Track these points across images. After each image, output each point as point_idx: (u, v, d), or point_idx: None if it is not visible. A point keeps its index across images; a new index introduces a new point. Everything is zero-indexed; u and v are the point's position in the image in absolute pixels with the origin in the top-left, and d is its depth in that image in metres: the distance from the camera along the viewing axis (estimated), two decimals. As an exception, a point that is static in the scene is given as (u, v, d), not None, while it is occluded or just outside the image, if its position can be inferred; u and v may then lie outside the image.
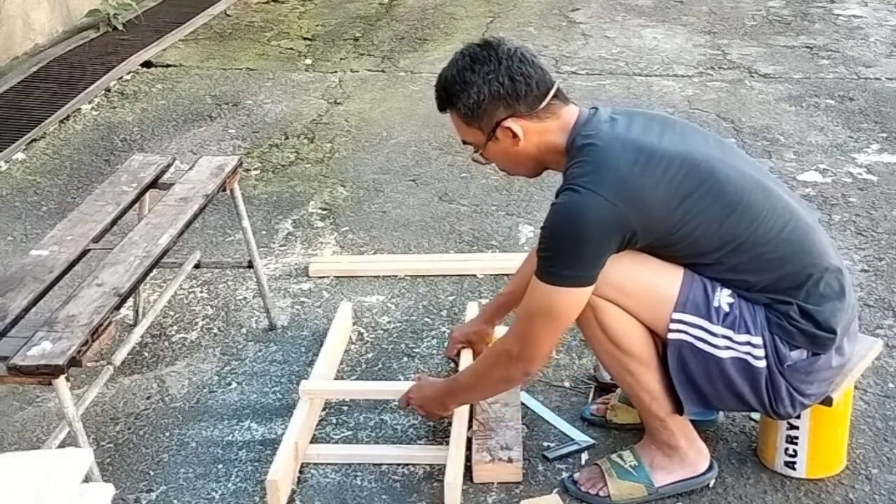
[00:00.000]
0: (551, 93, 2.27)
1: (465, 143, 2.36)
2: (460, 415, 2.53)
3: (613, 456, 2.42)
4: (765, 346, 2.19)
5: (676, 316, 2.19)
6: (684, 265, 2.22)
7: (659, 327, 2.22)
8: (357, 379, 2.87)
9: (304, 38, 6.02)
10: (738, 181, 2.19)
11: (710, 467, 2.39)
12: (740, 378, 2.21)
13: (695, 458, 2.37)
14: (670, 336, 2.20)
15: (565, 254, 2.15)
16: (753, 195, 2.19)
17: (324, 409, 2.73)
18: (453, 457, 2.38)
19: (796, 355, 2.20)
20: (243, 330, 3.14)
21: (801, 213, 2.25)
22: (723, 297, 2.20)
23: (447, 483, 2.31)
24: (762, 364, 2.19)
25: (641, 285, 2.20)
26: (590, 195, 2.12)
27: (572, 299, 2.18)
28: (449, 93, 2.29)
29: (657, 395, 2.27)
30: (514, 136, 2.25)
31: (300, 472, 2.50)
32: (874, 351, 2.45)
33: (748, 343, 2.19)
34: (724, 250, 2.19)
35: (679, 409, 2.28)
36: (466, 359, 2.76)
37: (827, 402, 2.29)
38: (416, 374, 2.79)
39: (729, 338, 2.19)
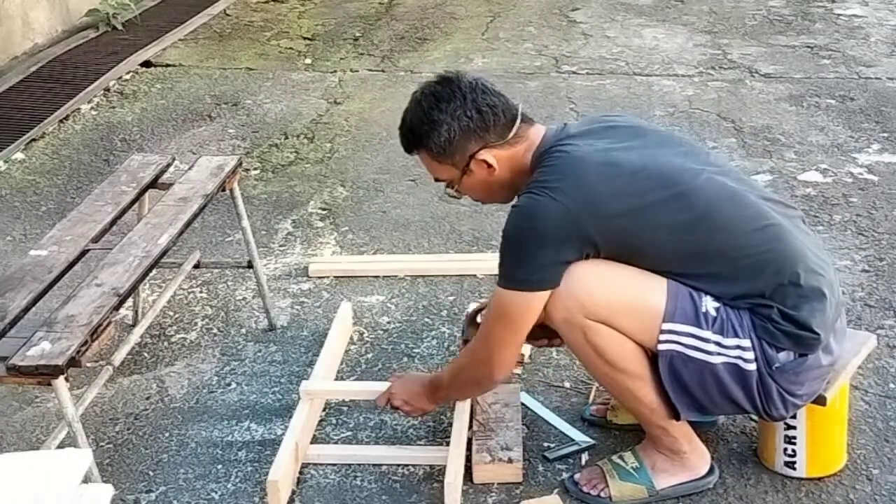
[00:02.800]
0: (518, 119, 2.28)
1: (437, 180, 2.37)
2: (460, 415, 2.53)
3: (614, 457, 2.41)
4: (753, 348, 2.18)
5: (666, 326, 2.18)
6: (653, 269, 2.20)
7: (649, 340, 2.20)
8: (357, 379, 2.87)
9: (304, 38, 6.01)
10: (707, 191, 2.19)
11: (711, 470, 2.39)
12: (733, 383, 2.20)
13: (697, 461, 2.37)
14: (661, 347, 2.19)
15: (520, 258, 2.17)
16: (723, 204, 2.19)
17: (323, 410, 2.73)
18: (453, 457, 2.38)
19: (783, 357, 2.19)
20: (243, 330, 3.13)
21: (775, 217, 2.23)
22: (708, 303, 2.19)
23: (447, 483, 2.31)
24: (752, 367, 2.18)
25: (629, 301, 2.19)
26: (549, 200, 2.13)
27: (527, 303, 2.19)
28: (417, 134, 2.29)
29: (655, 405, 2.27)
30: (489, 166, 2.27)
31: (300, 472, 2.49)
32: (867, 347, 2.45)
33: (738, 347, 2.18)
34: (692, 260, 2.19)
35: (676, 416, 2.27)
36: None
37: (820, 401, 2.29)
38: (391, 375, 2.73)
39: (719, 343, 2.18)
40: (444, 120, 2.24)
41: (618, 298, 2.18)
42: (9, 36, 5.51)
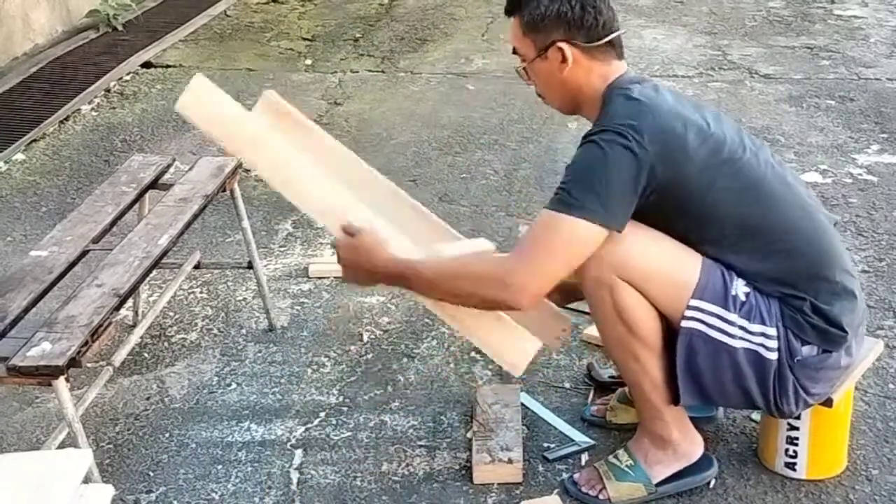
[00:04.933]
0: (612, 36, 2.27)
1: (514, 52, 2.36)
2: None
3: (610, 457, 2.41)
4: (778, 338, 2.18)
5: (694, 303, 2.18)
6: (690, 241, 2.21)
7: (674, 313, 2.20)
8: (357, 381, 2.86)
9: (304, 39, 6.02)
10: (759, 168, 2.22)
11: (710, 462, 2.38)
12: (750, 370, 2.20)
13: (688, 448, 2.36)
14: (684, 323, 2.19)
15: (585, 184, 2.13)
16: (773, 184, 2.22)
17: (323, 410, 2.73)
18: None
19: (807, 351, 2.20)
20: (243, 331, 3.13)
21: (816, 213, 2.27)
22: (739, 287, 2.20)
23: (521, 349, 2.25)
24: (773, 356, 2.19)
25: (664, 270, 2.19)
26: (624, 139, 2.12)
27: (581, 232, 2.11)
28: None
29: (658, 383, 2.26)
30: (564, 59, 2.25)
31: (299, 472, 2.49)
32: (875, 352, 2.45)
33: (762, 334, 2.18)
34: (734, 230, 2.19)
35: (675, 400, 2.27)
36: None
37: (827, 403, 2.29)
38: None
39: (744, 328, 2.18)
40: None
41: (653, 265, 2.18)
42: (9, 37, 5.51)
